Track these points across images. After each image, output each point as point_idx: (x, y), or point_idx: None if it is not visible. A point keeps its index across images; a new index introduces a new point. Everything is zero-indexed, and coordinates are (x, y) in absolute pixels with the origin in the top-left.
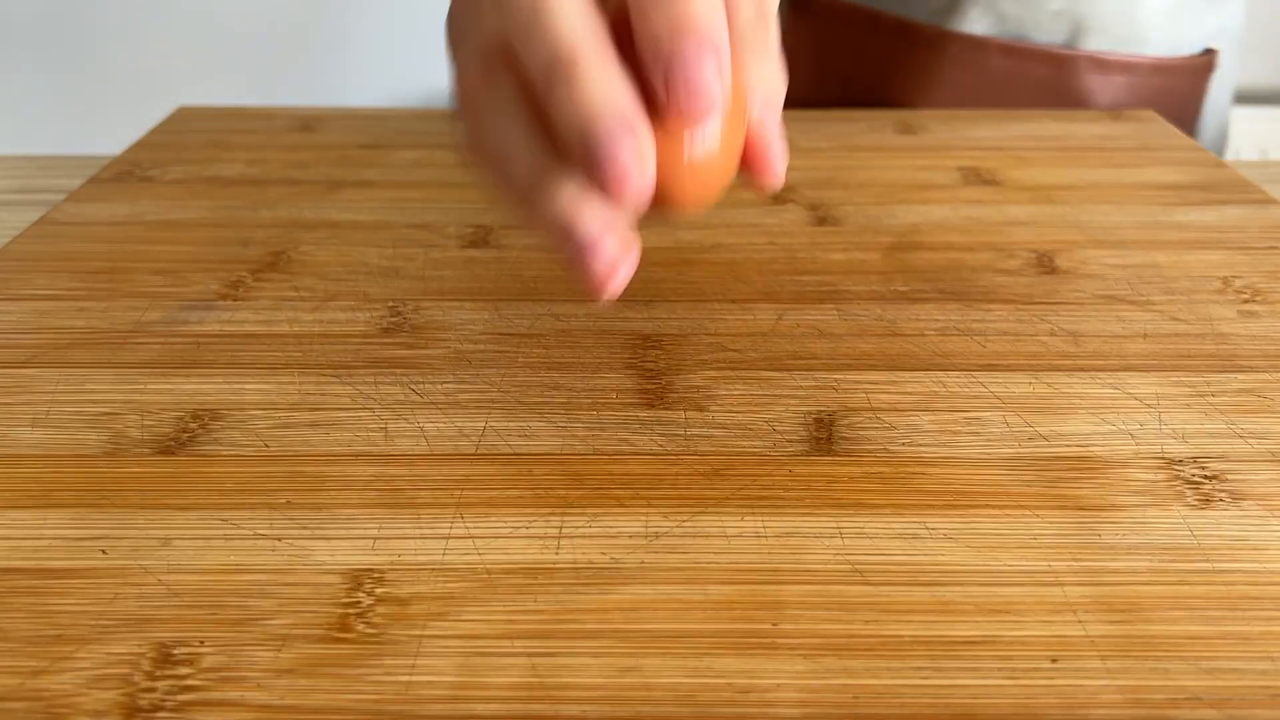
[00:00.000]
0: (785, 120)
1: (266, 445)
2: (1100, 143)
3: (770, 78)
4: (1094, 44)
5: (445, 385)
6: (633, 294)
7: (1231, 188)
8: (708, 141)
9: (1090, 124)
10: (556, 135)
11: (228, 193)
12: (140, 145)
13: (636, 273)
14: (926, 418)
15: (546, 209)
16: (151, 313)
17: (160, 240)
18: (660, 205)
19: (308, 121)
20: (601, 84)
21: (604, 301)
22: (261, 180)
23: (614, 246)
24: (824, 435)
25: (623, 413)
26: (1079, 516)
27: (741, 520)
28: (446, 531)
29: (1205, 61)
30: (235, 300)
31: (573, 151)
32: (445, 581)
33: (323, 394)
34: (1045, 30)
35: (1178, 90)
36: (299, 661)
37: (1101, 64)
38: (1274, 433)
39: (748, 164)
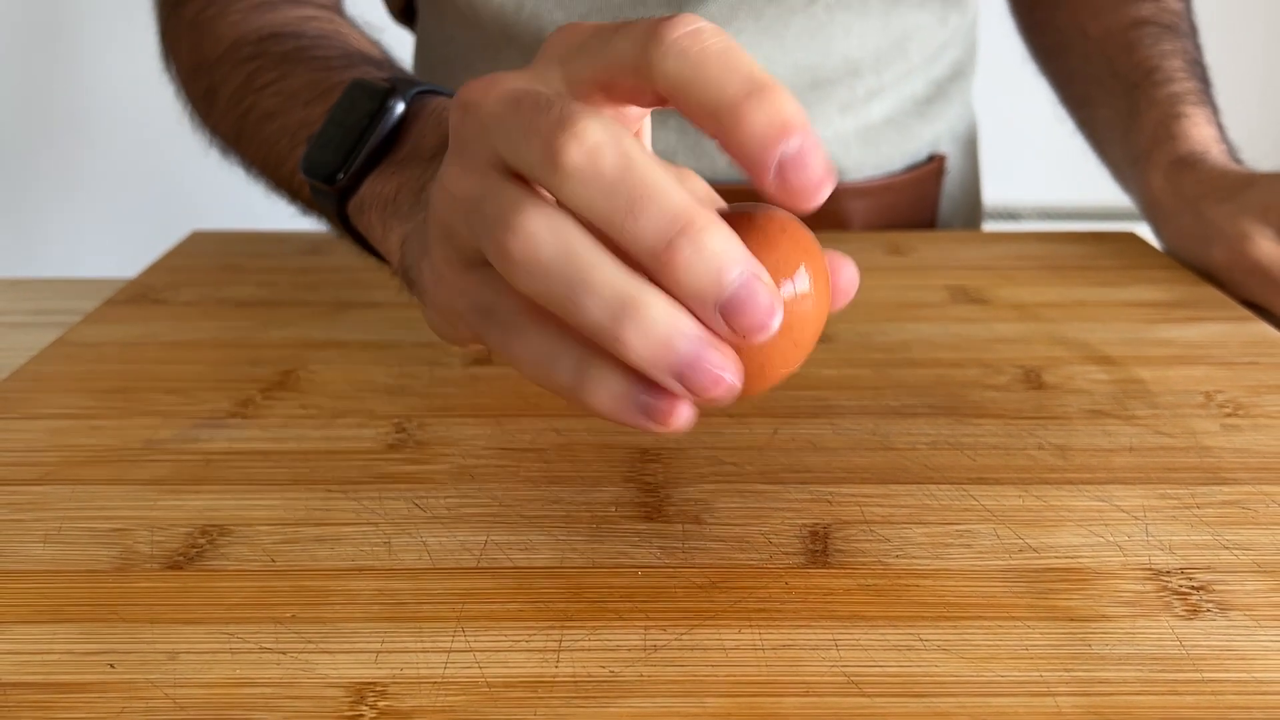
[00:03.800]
0: None
1: (273, 560)
2: (1083, 261)
3: None
4: None
5: (448, 500)
6: None
7: (1212, 305)
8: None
9: (1073, 244)
10: (681, 296)
11: (239, 313)
12: (155, 268)
13: None
14: (919, 530)
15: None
16: (163, 431)
17: (172, 360)
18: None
19: (318, 245)
20: (724, 238)
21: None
22: (272, 301)
23: (714, 362)
24: (819, 548)
25: (622, 525)
26: (1069, 627)
27: (739, 632)
28: (448, 645)
29: (933, 169)
30: (245, 418)
31: (704, 302)
32: (446, 695)
33: (328, 509)
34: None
35: (909, 199)
36: None
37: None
38: (1259, 543)
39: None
